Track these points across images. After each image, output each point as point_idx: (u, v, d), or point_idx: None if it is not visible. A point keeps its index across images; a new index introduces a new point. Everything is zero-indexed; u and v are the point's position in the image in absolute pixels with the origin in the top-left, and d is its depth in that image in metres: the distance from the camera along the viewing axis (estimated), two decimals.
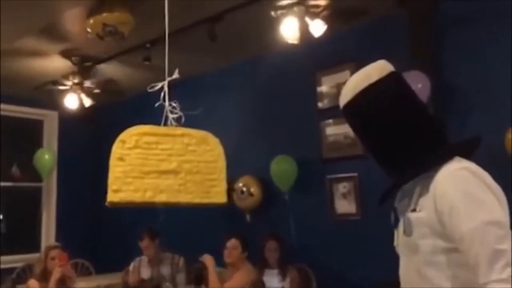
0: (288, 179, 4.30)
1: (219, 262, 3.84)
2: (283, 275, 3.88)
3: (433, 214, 1.27)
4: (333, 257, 4.06)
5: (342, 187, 4.13)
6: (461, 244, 1.21)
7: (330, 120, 4.25)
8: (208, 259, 3.72)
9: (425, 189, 1.31)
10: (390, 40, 3.74)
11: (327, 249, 4.12)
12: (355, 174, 4.05)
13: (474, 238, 1.18)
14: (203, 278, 3.66)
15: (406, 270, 1.40)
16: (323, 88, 4.33)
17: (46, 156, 5.60)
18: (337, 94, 4.44)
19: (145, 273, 4.36)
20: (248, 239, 3.95)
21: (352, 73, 4.17)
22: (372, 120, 1.39)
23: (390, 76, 1.40)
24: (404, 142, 1.36)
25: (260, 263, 3.98)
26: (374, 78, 1.38)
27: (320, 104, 4.34)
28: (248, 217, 4.69)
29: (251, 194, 4.58)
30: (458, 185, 1.25)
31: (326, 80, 4.31)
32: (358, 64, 4.13)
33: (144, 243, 4.35)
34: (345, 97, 1.43)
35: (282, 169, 4.33)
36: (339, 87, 4.21)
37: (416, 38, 3.57)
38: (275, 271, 3.92)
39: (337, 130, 4.19)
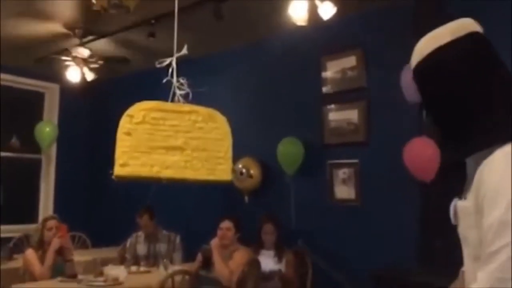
0: (294, 162, 4.24)
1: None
2: (279, 257, 3.91)
3: (475, 201, 1.10)
4: (330, 241, 4.08)
5: (342, 173, 4.13)
6: (486, 235, 1.03)
7: (333, 106, 4.23)
8: (214, 243, 3.77)
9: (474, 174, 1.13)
10: (398, 27, 3.71)
11: (325, 233, 4.14)
12: (356, 161, 4.05)
13: (500, 228, 0.99)
14: (211, 260, 3.73)
15: (465, 263, 1.23)
16: (328, 73, 4.30)
17: (47, 129, 5.62)
18: (342, 79, 4.41)
19: (142, 249, 4.39)
20: (245, 220, 3.97)
21: (358, 58, 4.16)
22: (440, 88, 1.19)
23: (466, 37, 1.18)
24: (471, 117, 1.15)
25: (256, 244, 4.02)
26: (446, 39, 1.19)
27: (324, 89, 4.32)
28: (246, 198, 4.71)
29: (251, 176, 4.59)
30: (507, 169, 1.03)
31: (331, 65, 4.27)
32: (364, 50, 4.13)
33: (143, 221, 4.37)
34: (413, 60, 1.24)
35: (289, 151, 4.27)
36: (344, 72, 4.19)
37: (422, 26, 3.52)
38: (271, 252, 3.96)
39: (340, 116, 4.18)
